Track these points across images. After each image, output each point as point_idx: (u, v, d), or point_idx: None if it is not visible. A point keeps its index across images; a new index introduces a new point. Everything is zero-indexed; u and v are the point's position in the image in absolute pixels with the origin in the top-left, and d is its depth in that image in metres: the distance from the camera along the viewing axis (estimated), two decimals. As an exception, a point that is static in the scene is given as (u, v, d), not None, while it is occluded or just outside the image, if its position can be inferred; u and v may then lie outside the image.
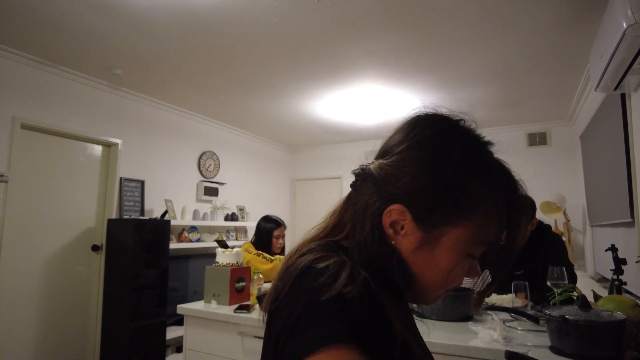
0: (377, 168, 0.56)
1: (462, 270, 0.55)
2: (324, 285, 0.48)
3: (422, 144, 0.55)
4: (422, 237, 0.53)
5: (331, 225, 0.61)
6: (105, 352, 3.40)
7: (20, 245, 3.08)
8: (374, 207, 0.54)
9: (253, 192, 5.60)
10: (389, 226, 0.54)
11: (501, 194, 0.54)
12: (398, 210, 0.53)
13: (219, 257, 2.16)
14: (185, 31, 2.70)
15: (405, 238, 0.54)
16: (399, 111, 4.41)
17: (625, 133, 2.49)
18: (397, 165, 0.55)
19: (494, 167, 0.56)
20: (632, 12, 1.69)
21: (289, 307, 0.50)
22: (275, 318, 0.52)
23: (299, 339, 0.46)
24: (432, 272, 0.54)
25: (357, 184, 0.59)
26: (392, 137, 0.59)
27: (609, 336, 1.21)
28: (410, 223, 0.53)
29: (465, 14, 2.47)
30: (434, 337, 1.48)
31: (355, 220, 0.57)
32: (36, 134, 3.23)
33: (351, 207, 0.59)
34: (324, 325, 0.45)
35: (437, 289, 0.56)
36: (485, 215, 0.53)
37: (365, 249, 0.54)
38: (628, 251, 2.52)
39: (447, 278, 0.54)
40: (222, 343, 1.92)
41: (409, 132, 0.57)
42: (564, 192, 4.49)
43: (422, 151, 0.55)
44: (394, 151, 0.57)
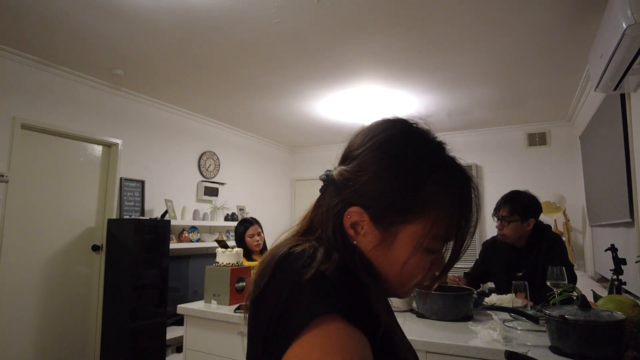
0: (338, 174, 0.61)
1: (419, 265, 0.57)
2: (304, 267, 0.52)
3: (376, 148, 0.59)
4: (380, 236, 0.57)
5: (303, 228, 0.65)
6: (105, 352, 3.41)
7: (20, 245, 3.08)
8: (334, 210, 0.59)
9: (253, 192, 5.60)
10: (349, 227, 0.58)
11: (453, 192, 0.57)
12: (356, 212, 0.57)
13: (219, 257, 2.16)
14: (185, 31, 2.70)
15: (365, 237, 0.58)
16: (398, 111, 4.40)
17: (625, 133, 2.50)
18: (355, 170, 0.59)
19: (447, 167, 0.59)
20: (632, 12, 1.69)
21: (275, 293, 0.52)
22: (261, 307, 0.54)
23: (289, 320, 0.48)
24: (391, 268, 0.58)
25: (323, 188, 0.64)
26: (351, 142, 0.64)
27: (608, 336, 1.21)
28: (369, 223, 0.57)
29: (465, 14, 2.47)
30: (434, 337, 1.48)
31: (321, 222, 0.61)
32: (36, 134, 3.23)
33: (318, 210, 0.63)
34: (310, 302, 0.48)
35: (401, 284, 0.59)
36: (438, 212, 0.56)
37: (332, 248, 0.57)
38: (628, 251, 2.52)
39: (405, 272, 0.57)
40: (222, 343, 1.93)
41: (365, 137, 0.61)
42: (564, 192, 4.50)
43: (376, 155, 0.58)
44: (352, 155, 0.61)
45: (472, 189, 0.59)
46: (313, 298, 0.48)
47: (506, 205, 2.08)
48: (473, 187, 0.59)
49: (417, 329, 1.62)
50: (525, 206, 2.06)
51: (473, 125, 5.02)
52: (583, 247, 4.48)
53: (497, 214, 2.10)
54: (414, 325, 1.69)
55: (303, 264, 0.52)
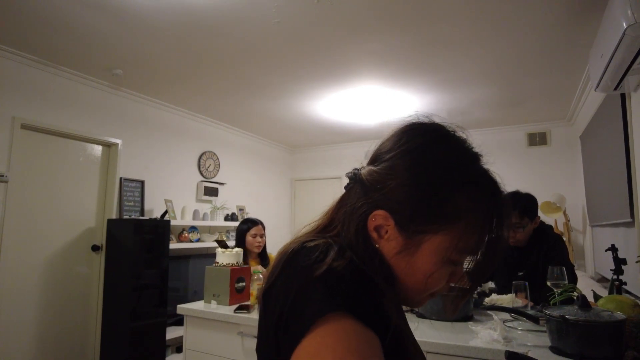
0: (367, 174, 0.59)
1: (441, 276, 0.56)
2: (316, 262, 0.51)
3: (409, 154, 0.57)
4: (404, 243, 0.56)
5: (323, 224, 0.64)
6: (105, 352, 3.40)
7: (20, 245, 3.08)
8: (360, 211, 0.58)
9: (253, 192, 5.60)
10: (373, 230, 0.57)
11: (484, 206, 0.55)
12: (382, 215, 0.56)
13: (219, 257, 2.16)
14: (185, 31, 2.70)
15: (388, 242, 0.57)
16: (398, 111, 4.41)
17: (625, 133, 2.49)
18: (385, 173, 0.57)
19: (480, 180, 0.57)
20: (632, 12, 1.69)
21: (285, 288, 0.52)
22: (272, 300, 0.54)
23: (298, 317, 0.48)
24: (413, 276, 0.57)
25: (350, 186, 0.62)
26: (384, 144, 0.62)
27: (609, 336, 1.21)
28: (393, 229, 0.56)
29: (465, 14, 2.47)
30: (434, 337, 1.48)
31: (343, 221, 0.60)
32: (36, 134, 3.23)
33: (342, 208, 0.62)
34: (320, 299, 0.47)
35: (418, 292, 0.58)
36: (467, 226, 0.54)
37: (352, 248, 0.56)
38: (628, 251, 2.52)
39: (426, 282, 0.56)
40: (222, 343, 1.92)
41: (398, 140, 0.59)
42: (564, 192, 4.49)
43: (409, 160, 0.57)
44: (383, 158, 0.59)
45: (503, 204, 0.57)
46: (323, 295, 0.48)
47: (514, 210, 2.02)
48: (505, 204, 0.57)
49: (417, 329, 1.62)
50: (529, 207, 2.06)
51: (473, 125, 5.02)
52: (583, 247, 4.48)
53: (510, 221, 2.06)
54: (414, 325, 1.69)
55: (315, 259, 0.52)
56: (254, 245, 2.72)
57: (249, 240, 2.72)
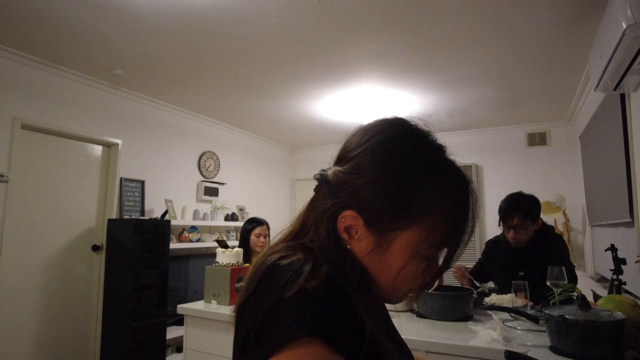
0: (333, 175, 0.58)
1: (414, 271, 0.56)
2: (288, 282, 0.49)
3: (373, 150, 0.57)
4: (374, 241, 0.55)
5: (296, 229, 0.63)
6: (105, 352, 3.41)
7: (20, 245, 3.08)
8: (328, 213, 0.57)
9: (253, 192, 5.60)
10: (343, 231, 0.56)
11: (451, 198, 0.55)
12: (351, 216, 0.55)
13: (219, 257, 2.16)
14: (185, 31, 2.70)
15: (359, 242, 0.56)
16: (398, 111, 4.40)
17: (625, 133, 2.50)
18: (350, 172, 0.56)
19: (445, 172, 0.56)
20: (632, 12, 1.69)
21: (257, 307, 0.51)
22: (244, 317, 0.53)
23: (266, 337, 0.46)
24: (386, 274, 0.56)
25: (318, 188, 0.62)
26: (348, 143, 0.61)
27: (608, 336, 1.21)
28: (363, 228, 0.55)
29: (465, 14, 2.47)
30: (434, 337, 1.48)
31: (314, 224, 0.59)
32: (36, 134, 3.23)
33: (312, 211, 0.61)
34: (290, 322, 0.46)
35: (394, 289, 0.58)
36: (435, 219, 0.54)
37: (324, 251, 0.56)
38: (628, 251, 2.52)
39: (400, 278, 0.56)
40: (222, 343, 1.92)
41: (361, 138, 0.59)
42: (564, 192, 4.49)
43: (373, 157, 0.56)
44: (348, 157, 0.59)
45: (469, 195, 0.57)
46: (291, 318, 0.46)
47: (517, 212, 2.02)
48: (471, 193, 0.57)
49: (417, 329, 1.62)
50: (533, 208, 2.06)
51: (473, 125, 5.02)
52: (583, 247, 4.48)
53: (508, 223, 2.05)
54: (414, 325, 1.69)
55: (288, 278, 0.50)
56: (257, 245, 2.76)
57: (253, 239, 2.77)
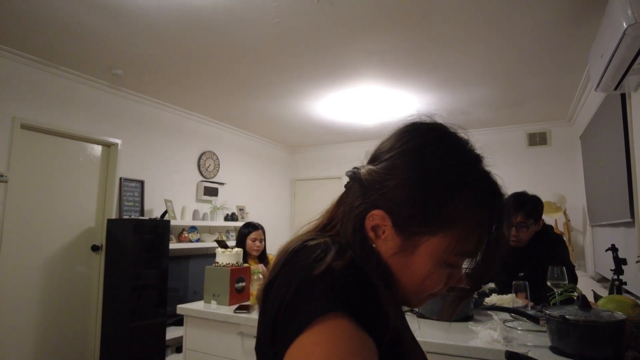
0: (366, 173, 0.59)
1: (439, 278, 0.56)
2: (316, 261, 0.51)
3: (409, 154, 0.57)
4: (401, 243, 0.55)
5: (324, 222, 0.64)
6: (105, 352, 3.40)
7: (20, 245, 3.08)
8: (357, 210, 0.57)
9: (253, 192, 5.60)
10: (370, 229, 0.57)
11: (484, 210, 0.55)
12: (380, 215, 0.56)
13: (219, 257, 2.16)
14: (185, 31, 2.69)
15: (385, 242, 0.56)
16: (398, 111, 4.41)
17: (625, 133, 2.49)
18: (383, 173, 0.57)
19: (480, 182, 0.56)
20: (632, 12, 1.69)
21: (285, 285, 0.52)
22: (271, 297, 0.55)
23: (295, 315, 0.48)
24: (410, 277, 0.56)
25: (349, 185, 0.62)
26: (384, 143, 0.61)
27: (609, 336, 1.21)
28: (391, 229, 0.55)
29: (465, 14, 2.47)
30: (434, 337, 1.48)
31: (342, 219, 0.60)
32: (36, 134, 3.23)
33: (341, 207, 0.62)
34: (318, 298, 0.47)
35: (416, 293, 0.58)
36: (465, 228, 0.54)
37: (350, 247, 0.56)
38: (628, 251, 2.51)
39: (423, 284, 0.56)
40: (222, 343, 1.92)
41: (398, 140, 0.59)
42: (564, 192, 4.49)
43: (408, 161, 0.56)
44: (382, 158, 0.59)
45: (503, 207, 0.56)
46: (321, 294, 0.48)
47: (519, 211, 2.03)
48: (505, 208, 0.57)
49: (417, 329, 1.62)
50: (536, 208, 2.06)
51: (473, 125, 5.02)
52: (583, 247, 4.48)
53: (511, 220, 2.04)
54: (414, 325, 1.68)
55: (315, 257, 0.52)
56: (253, 249, 2.86)
57: (249, 243, 2.86)
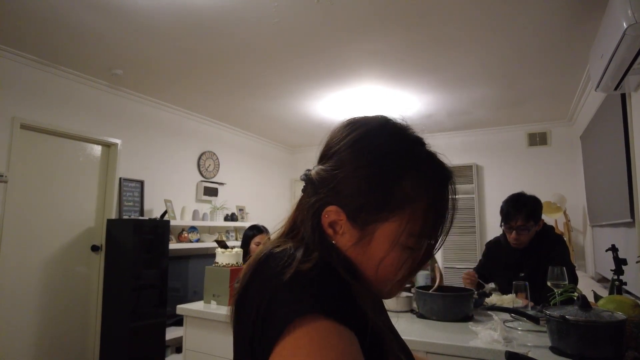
0: (315, 173, 0.61)
1: (396, 261, 0.56)
2: (284, 267, 0.52)
3: (351, 145, 0.58)
4: (358, 234, 0.56)
5: (287, 229, 0.65)
6: (105, 352, 3.40)
7: (20, 245, 3.08)
8: (312, 209, 0.59)
9: (253, 192, 5.59)
10: (328, 226, 0.58)
11: (428, 190, 0.56)
12: (334, 211, 0.57)
13: (219, 258, 2.16)
14: (185, 31, 2.69)
15: (343, 236, 0.57)
16: (398, 111, 4.40)
17: (626, 133, 2.49)
18: (331, 169, 0.59)
19: (422, 164, 0.58)
20: (632, 12, 1.68)
21: (257, 297, 0.52)
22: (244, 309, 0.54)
23: (271, 323, 0.48)
24: (372, 266, 0.57)
25: (305, 188, 0.64)
26: (329, 140, 0.63)
27: (609, 336, 1.20)
28: (346, 222, 0.57)
29: (465, 14, 2.47)
30: (434, 337, 1.48)
31: (301, 221, 0.61)
32: (36, 134, 3.23)
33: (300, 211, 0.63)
34: (291, 303, 0.47)
35: (382, 282, 0.58)
36: (415, 210, 0.55)
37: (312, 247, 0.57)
38: (628, 251, 2.51)
39: (386, 271, 0.57)
40: (221, 343, 1.92)
41: (340, 134, 0.61)
42: (564, 192, 4.49)
43: (351, 152, 0.58)
44: (328, 155, 0.61)
45: (447, 185, 0.58)
46: (293, 298, 0.48)
47: (519, 214, 2.01)
48: (449, 184, 0.58)
49: (417, 329, 1.62)
50: (535, 210, 2.06)
51: (473, 125, 5.02)
52: (584, 247, 4.48)
53: (511, 224, 2.04)
54: (414, 325, 1.69)
55: (283, 264, 0.52)
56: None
57: (252, 247, 2.82)
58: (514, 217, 2.03)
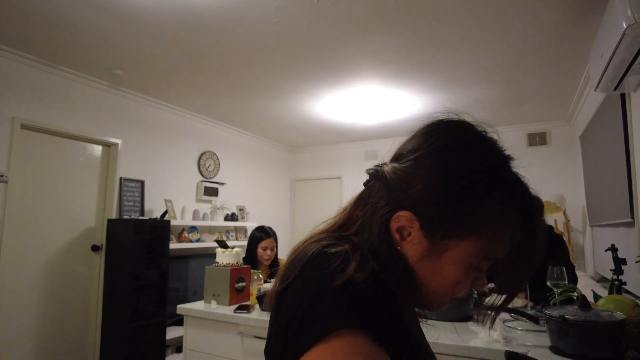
0: (391, 172, 0.56)
1: (466, 283, 0.54)
2: (336, 271, 0.49)
3: (438, 154, 0.54)
4: (428, 247, 0.53)
5: (341, 221, 0.62)
6: (105, 352, 3.40)
7: (20, 245, 3.08)
8: (382, 211, 0.54)
9: (253, 192, 5.60)
10: (395, 231, 0.54)
11: (514, 213, 0.52)
12: (406, 217, 0.53)
13: (219, 257, 2.16)
14: (185, 31, 2.69)
15: (411, 245, 0.54)
16: (398, 111, 4.41)
17: (625, 133, 2.49)
18: (410, 172, 0.54)
19: (510, 185, 0.54)
20: (632, 12, 1.69)
21: (301, 292, 0.50)
22: (286, 301, 0.52)
23: (310, 325, 0.46)
24: (437, 282, 0.54)
25: (370, 183, 0.59)
26: (410, 141, 0.58)
27: (609, 336, 1.21)
28: (418, 231, 0.53)
29: (465, 14, 2.47)
30: (434, 337, 1.48)
31: (364, 220, 0.57)
32: (36, 134, 3.23)
33: (361, 207, 0.59)
34: (335, 311, 0.45)
35: (440, 297, 0.56)
36: (495, 232, 0.52)
37: (373, 249, 0.54)
38: (628, 251, 2.51)
39: (453, 290, 0.54)
40: (222, 343, 1.92)
41: (426, 139, 0.56)
42: (564, 192, 4.49)
43: (437, 161, 0.53)
44: (409, 157, 0.56)
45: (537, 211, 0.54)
46: (339, 308, 0.46)
47: None
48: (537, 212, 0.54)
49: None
50: None
51: (473, 125, 5.01)
52: (583, 247, 4.48)
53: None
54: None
55: (335, 267, 0.49)
56: (264, 258, 2.70)
57: (259, 252, 2.71)
58: None
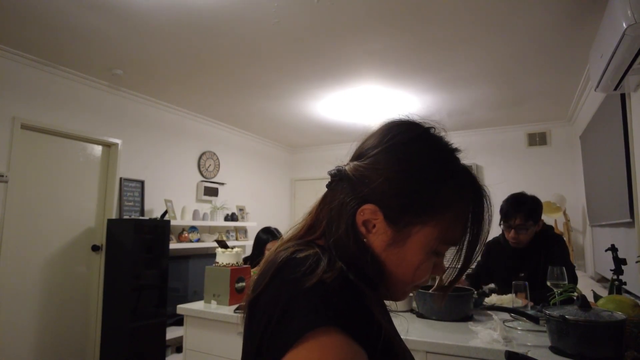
0: (352, 169, 0.60)
1: (427, 268, 0.58)
2: (306, 274, 0.50)
3: (395, 149, 0.59)
4: (392, 236, 0.57)
5: (308, 224, 0.64)
6: (105, 352, 3.40)
7: (20, 245, 3.08)
8: (348, 207, 0.58)
9: (253, 192, 5.60)
10: (361, 225, 0.58)
11: (467, 198, 0.58)
12: (370, 209, 0.57)
13: (219, 257, 2.16)
14: (185, 31, 2.69)
15: (376, 236, 0.57)
16: (398, 111, 4.40)
17: (625, 133, 2.49)
18: (371, 168, 0.58)
19: (461, 173, 0.59)
20: (632, 12, 1.69)
21: (273, 299, 0.51)
22: (258, 310, 0.53)
23: (285, 329, 0.47)
24: (402, 268, 0.58)
25: (333, 184, 0.63)
26: (367, 141, 0.63)
27: (609, 336, 1.21)
28: (382, 222, 0.57)
29: (465, 14, 2.47)
30: (434, 337, 1.48)
31: (330, 218, 0.60)
32: (36, 134, 3.23)
33: (327, 206, 0.62)
34: (308, 312, 0.46)
35: (405, 284, 0.60)
36: (452, 217, 0.57)
37: (341, 246, 0.57)
38: (628, 251, 2.52)
39: (415, 274, 0.58)
40: (222, 343, 1.92)
41: (383, 137, 0.61)
42: (564, 192, 4.49)
43: (395, 155, 0.58)
44: (368, 154, 0.60)
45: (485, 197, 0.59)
46: (311, 308, 0.47)
47: (519, 213, 2.02)
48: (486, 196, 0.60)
49: (417, 329, 1.62)
50: (535, 210, 2.06)
51: (473, 125, 5.02)
52: (583, 247, 4.48)
53: (510, 223, 2.05)
54: (414, 325, 1.69)
55: (305, 271, 0.51)
56: None
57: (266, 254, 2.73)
58: (513, 215, 2.04)
